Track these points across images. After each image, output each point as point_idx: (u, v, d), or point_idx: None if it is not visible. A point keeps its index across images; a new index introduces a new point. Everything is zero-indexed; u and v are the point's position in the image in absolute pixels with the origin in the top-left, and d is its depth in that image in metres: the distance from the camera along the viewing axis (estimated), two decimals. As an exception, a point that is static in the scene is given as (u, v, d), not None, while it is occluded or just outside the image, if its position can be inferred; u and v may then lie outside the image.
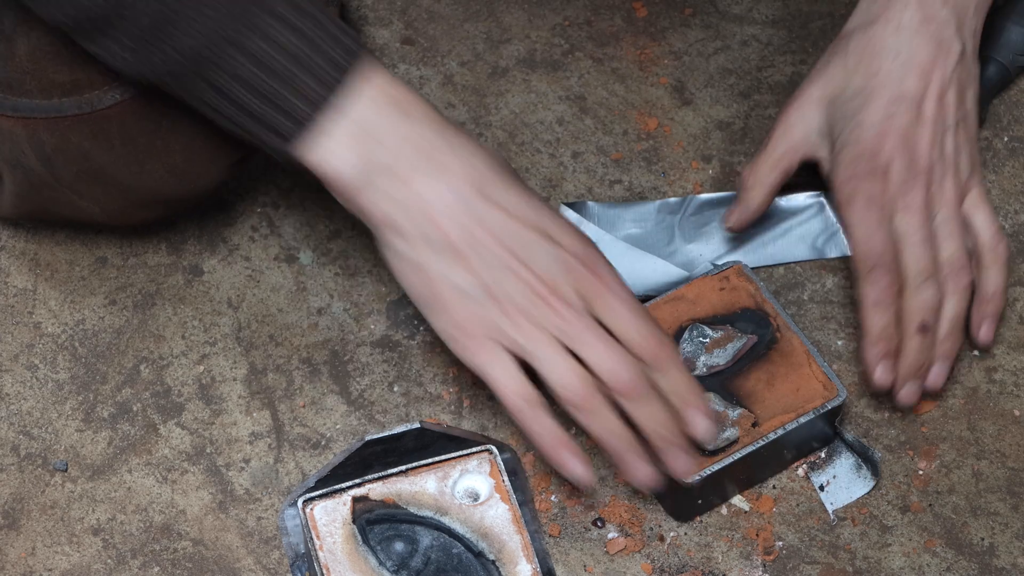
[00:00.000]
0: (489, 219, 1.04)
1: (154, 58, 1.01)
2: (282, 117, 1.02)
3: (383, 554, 1.07)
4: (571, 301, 1.04)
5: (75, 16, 1.01)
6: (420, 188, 1.04)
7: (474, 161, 1.05)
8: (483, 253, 1.04)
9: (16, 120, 1.10)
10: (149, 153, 1.11)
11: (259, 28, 1.01)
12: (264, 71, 1.01)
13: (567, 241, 1.05)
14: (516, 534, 1.08)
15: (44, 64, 1.08)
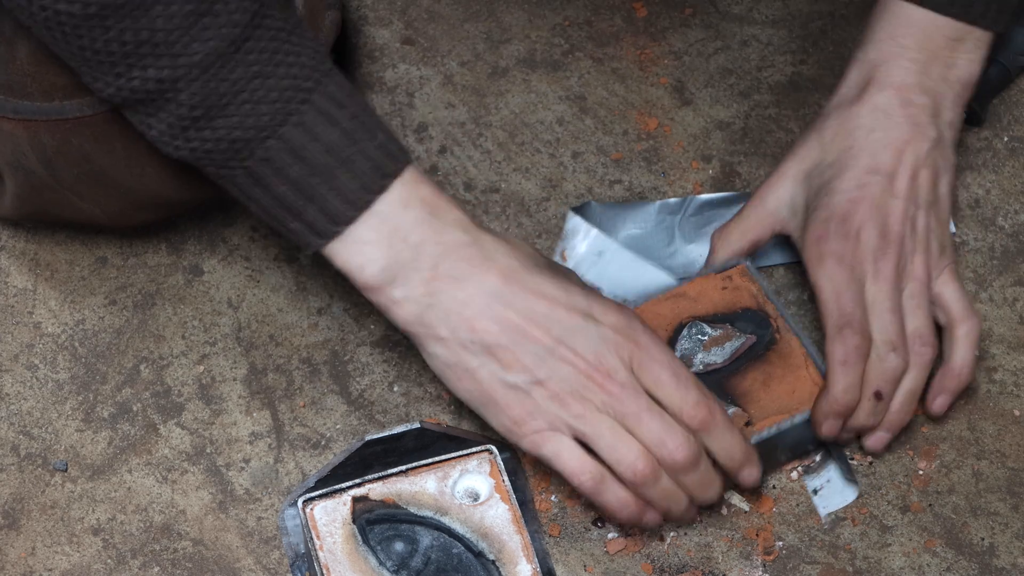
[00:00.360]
0: (526, 309, 1.04)
1: (193, 141, 1.02)
2: (319, 215, 1.03)
3: (383, 554, 1.07)
4: (620, 378, 1.05)
5: (119, 94, 1.01)
6: (452, 290, 1.04)
7: (504, 256, 1.05)
8: (525, 344, 1.04)
9: (17, 122, 1.10)
10: (150, 156, 1.11)
11: (303, 122, 1.01)
12: (302, 164, 1.02)
13: (608, 318, 1.05)
14: (516, 534, 1.08)
15: (45, 67, 1.08)
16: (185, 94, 1.00)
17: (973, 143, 1.31)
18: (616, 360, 1.04)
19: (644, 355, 1.05)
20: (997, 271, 1.25)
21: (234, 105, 1.00)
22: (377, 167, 1.03)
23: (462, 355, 1.05)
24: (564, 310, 1.05)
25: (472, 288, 1.04)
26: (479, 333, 1.04)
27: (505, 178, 1.30)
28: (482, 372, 1.05)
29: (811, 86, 1.35)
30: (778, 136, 1.32)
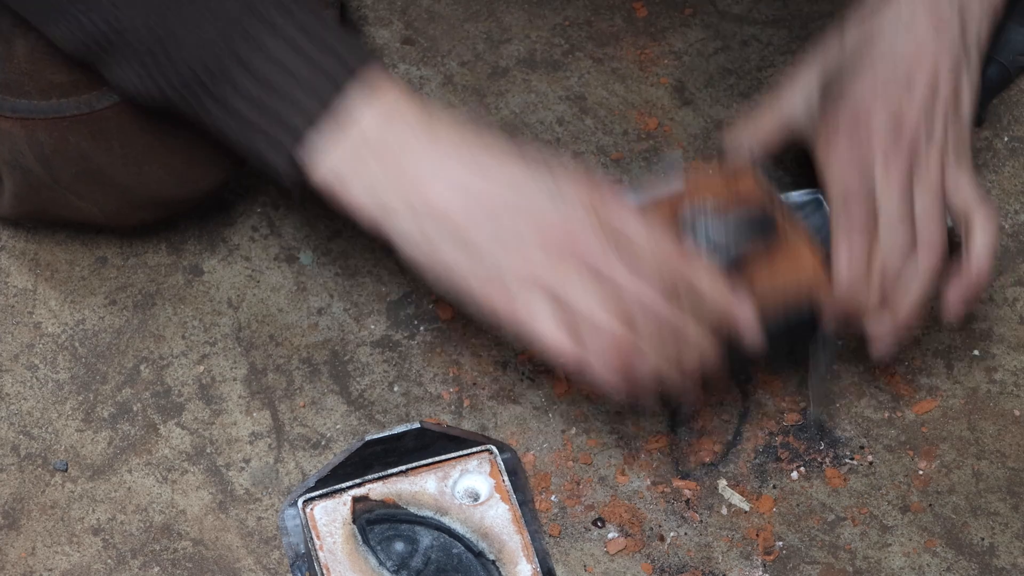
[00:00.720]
0: (485, 189, 1.01)
1: (161, 78, 1.01)
2: (282, 132, 1.01)
3: (383, 554, 1.07)
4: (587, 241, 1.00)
5: (82, 40, 1.01)
6: (411, 172, 1.01)
7: (453, 128, 1.02)
8: (487, 221, 1.00)
9: (15, 121, 1.11)
10: (148, 154, 1.11)
11: (255, 39, 1.00)
12: (262, 86, 1.00)
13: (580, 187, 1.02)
14: (516, 534, 1.08)
15: (43, 65, 1.08)
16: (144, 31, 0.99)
17: (973, 143, 1.31)
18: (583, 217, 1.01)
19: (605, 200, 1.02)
20: (997, 271, 1.26)
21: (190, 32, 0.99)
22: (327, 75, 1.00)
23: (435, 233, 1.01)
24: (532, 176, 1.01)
25: (431, 169, 1.01)
26: (440, 207, 1.01)
27: (505, 178, 1.30)
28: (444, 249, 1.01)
29: (811, 86, 1.35)
30: (778, 136, 1.32)
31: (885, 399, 1.20)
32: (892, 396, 1.20)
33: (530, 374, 1.20)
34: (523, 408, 1.19)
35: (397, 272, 1.25)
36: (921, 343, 1.22)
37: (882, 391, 1.20)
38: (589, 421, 1.18)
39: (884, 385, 1.20)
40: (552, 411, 1.19)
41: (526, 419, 1.19)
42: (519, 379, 1.20)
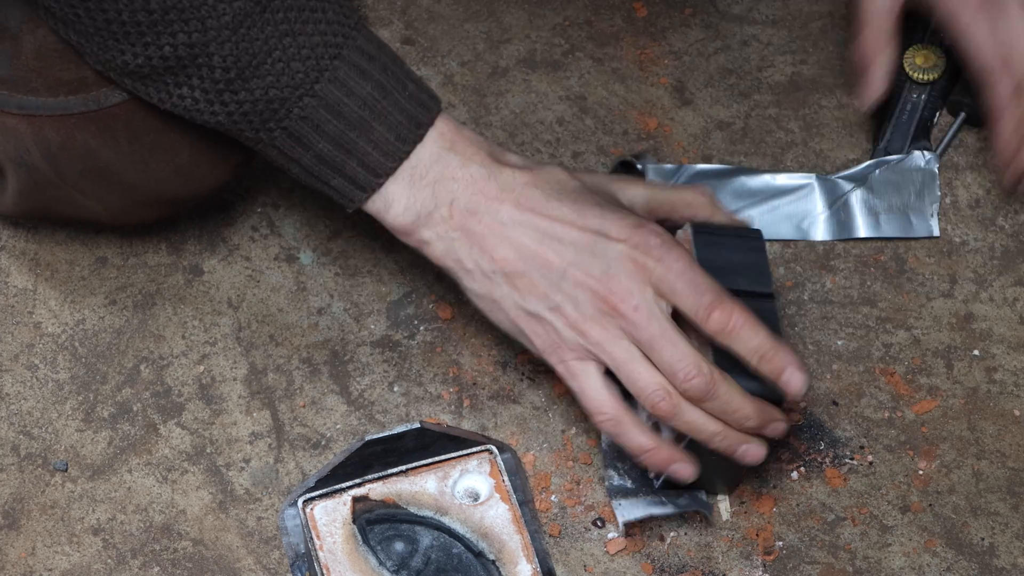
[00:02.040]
0: (539, 234, 1.05)
1: (229, 104, 1.03)
2: (359, 169, 1.04)
3: (383, 554, 1.07)
4: (634, 301, 1.04)
5: (149, 63, 1.02)
6: (470, 224, 1.05)
7: (520, 186, 1.05)
8: (540, 269, 1.05)
9: (21, 118, 1.10)
10: (155, 152, 1.11)
11: (336, 77, 1.02)
12: (340, 119, 1.03)
13: (621, 233, 1.05)
14: (516, 534, 1.08)
15: (50, 62, 1.08)
16: (217, 56, 1.00)
17: (973, 143, 1.31)
18: (629, 280, 1.04)
19: (659, 267, 1.04)
20: (997, 271, 1.25)
21: (268, 64, 1.01)
22: (411, 117, 1.04)
23: (488, 286, 1.06)
24: (576, 231, 1.04)
25: (488, 219, 1.05)
26: (498, 262, 1.05)
27: (505, 178, 1.30)
28: (507, 302, 1.06)
29: (811, 86, 1.35)
30: (778, 136, 1.32)
31: (885, 399, 1.19)
32: (892, 396, 1.20)
33: (530, 374, 1.20)
34: (523, 408, 1.19)
35: (397, 272, 1.25)
36: (921, 343, 1.22)
37: (882, 391, 1.20)
38: (589, 421, 1.18)
39: (884, 385, 1.20)
40: (552, 411, 1.19)
41: (526, 419, 1.19)
42: (519, 379, 1.20)
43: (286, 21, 1.01)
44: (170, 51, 1.01)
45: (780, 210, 1.26)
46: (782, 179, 1.27)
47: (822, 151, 1.31)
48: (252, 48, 1.01)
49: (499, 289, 1.06)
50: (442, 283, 1.24)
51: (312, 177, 1.06)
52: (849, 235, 1.26)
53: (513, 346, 1.21)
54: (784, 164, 1.31)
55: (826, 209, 1.26)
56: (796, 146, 1.31)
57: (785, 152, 1.31)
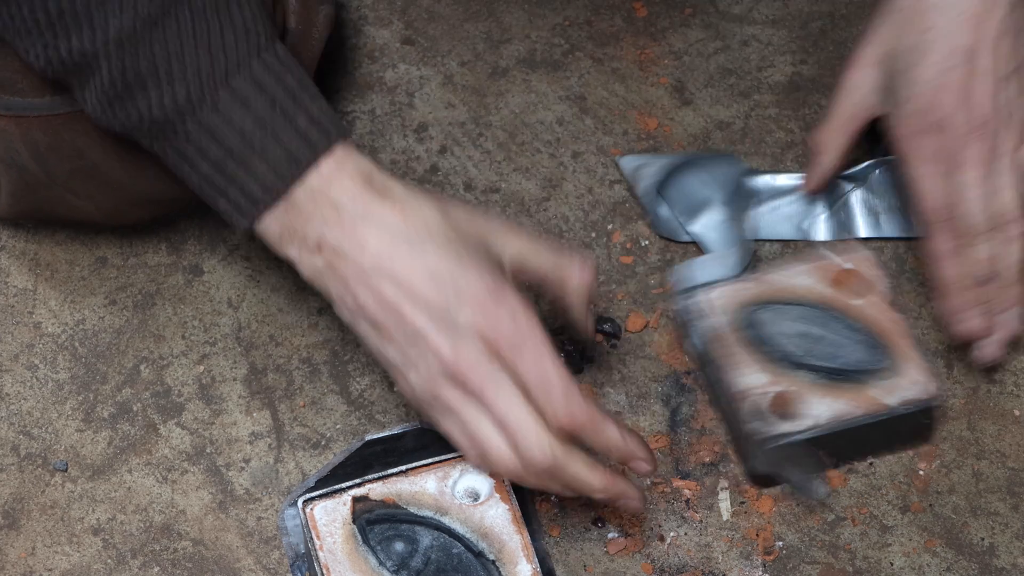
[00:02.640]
0: (397, 287, 1.03)
1: (119, 116, 1.03)
2: (240, 197, 1.04)
3: (383, 554, 1.07)
4: (481, 371, 1.02)
5: (50, 64, 1.02)
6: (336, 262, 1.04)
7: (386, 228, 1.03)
8: (397, 324, 1.03)
9: (9, 119, 1.11)
10: (143, 151, 1.11)
11: (218, 109, 1.02)
12: (221, 149, 1.02)
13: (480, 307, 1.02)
14: (516, 534, 1.08)
15: None
16: (105, 68, 1.01)
17: None
18: (477, 352, 1.02)
19: (511, 350, 1.02)
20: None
21: (152, 83, 1.01)
22: (291, 156, 1.02)
23: (352, 321, 1.05)
24: (433, 292, 1.02)
25: (352, 263, 1.03)
26: (360, 307, 1.04)
27: (505, 178, 1.30)
28: (369, 341, 1.05)
29: (811, 86, 1.35)
30: (778, 136, 1.32)
31: (885, 399, 1.19)
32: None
33: (530, 374, 1.20)
34: (523, 408, 1.19)
35: (397, 272, 1.25)
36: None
37: (882, 391, 1.20)
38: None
39: (884, 385, 1.20)
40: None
41: (526, 419, 1.18)
42: (519, 379, 1.20)
43: (177, 42, 1.01)
44: (66, 54, 1.01)
45: (780, 210, 1.27)
46: (782, 179, 1.27)
47: (822, 151, 1.31)
48: (138, 65, 1.01)
49: (362, 328, 1.05)
50: (442, 283, 1.24)
51: (202, 194, 1.06)
52: (849, 235, 1.26)
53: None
54: (784, 164, 1.31)
55: (826, 209, 1.26)
56: (796, 146, 1.31)
57: (785, 152, 1.31)
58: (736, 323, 1.16)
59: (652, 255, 1.26)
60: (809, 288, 1.17)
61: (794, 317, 1.16)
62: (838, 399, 1.12)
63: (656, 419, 1.19)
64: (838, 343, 1.14)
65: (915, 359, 1.14)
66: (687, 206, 1.25)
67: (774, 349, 1.15)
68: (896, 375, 1.13)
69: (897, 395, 1.12)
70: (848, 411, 1.12)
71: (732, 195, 1.25)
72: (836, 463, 1.15)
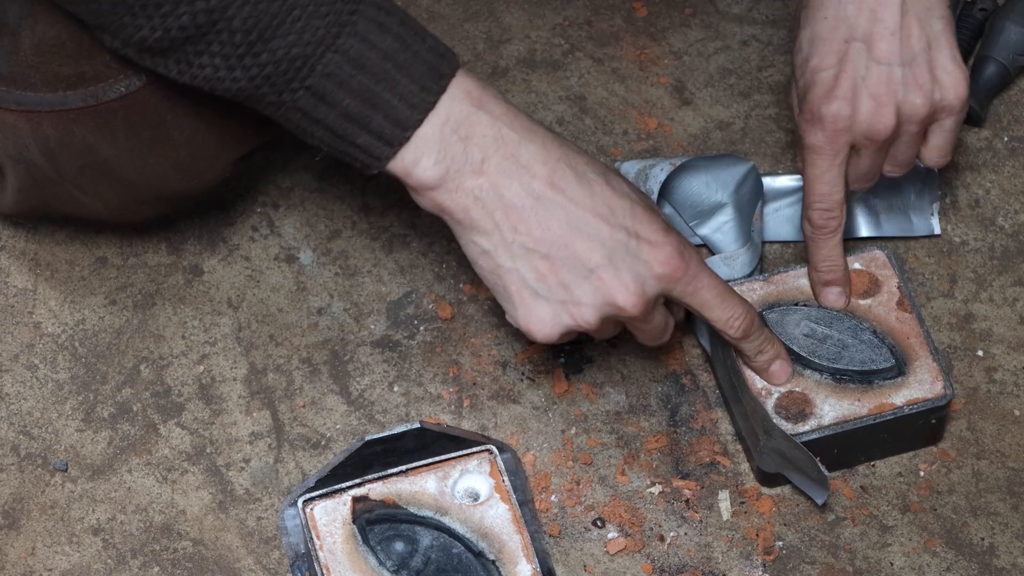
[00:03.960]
0: (569, 221, 1.04)
1: (251, 68, 1.01)
2: (386, 123, 1.03)
3: (383, 554, 1.07)
4: (649, 308, 1.06)
5: (168, 35, 1.00)
6: (499, 188, 1.04)
7: (551, 160, 1.05)
8: (568, 259, 1.04)
9: (20, 114, 1.10)
10: (153, 147, 1.11)
11: (357, 32, 1.01)
12: (364, 73, 1.02)
13: (653, 236, 1.05)
14: (516, 534, 1.08)
15: (49, 57, 1.08)
16: (237, 19, 0.99)
17: (973, 143, 1.31)
18: (654, 293, 1.06)
19: (692, 281, 1.06)
20: (997, 271, 1.25)
21: (287, 23, 1.00)
22: (433, 68, 1.03)
23: (502, 252, 1.05)
24: (608, 228, 1.04)
25: (519, 188, 1.04)
26: (522, 235, 1.04)
27: (505, 178, 1.30)
28: (514, 275, 1.05)
29: (811, 86, 1.35)
30: (778, 136, 1.32)
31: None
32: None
33: (530, 374, 1.20)
34: (523, 408, 1.19)
35: (397, 272, 1.25)
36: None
37: (882, 391, 1.20)
38: (589, 421, 1.18)
39: (884, 385, 1.20)
40: (552, 411, 1.19)
41: (526, 419, 1.19)
42: (519, 379, 1.20)
43: None
44: (188, 19, 0.99)
45: (781, 212, 1.26)
46: (782, 181, 1.27)
47: (822, 151, 1.31)
48: (271, 7, 0.99)
49: (513, 260, 1.05)
50: (442, 283, 1.24)
51: (337, 138, 1.04)
52: (849, 235, 1.26)
53: (513, 346, 1.21)
54: (784, 164, 1.31)
55: None
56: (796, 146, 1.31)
57: (785, 152, 1.31)
58: None
59: (652, 255, 1.26)
60: None
61: (801, 317, 1.16)
62: (843, 400, 1.12)
63: (656, 419, 1.19)
64: (844, 343, 1.14)
65: (924, 359, 1.14)
66: (694, 209, 1.25)
67: None
68: (904, 375, 1.13)
69: (904, 395, 1.12)
70: (854, 412, 1.12)
71: (739, 196, 1.25)
72: (841, 465, 1.15)
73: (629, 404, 1.19)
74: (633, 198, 1.06)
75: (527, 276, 1.05)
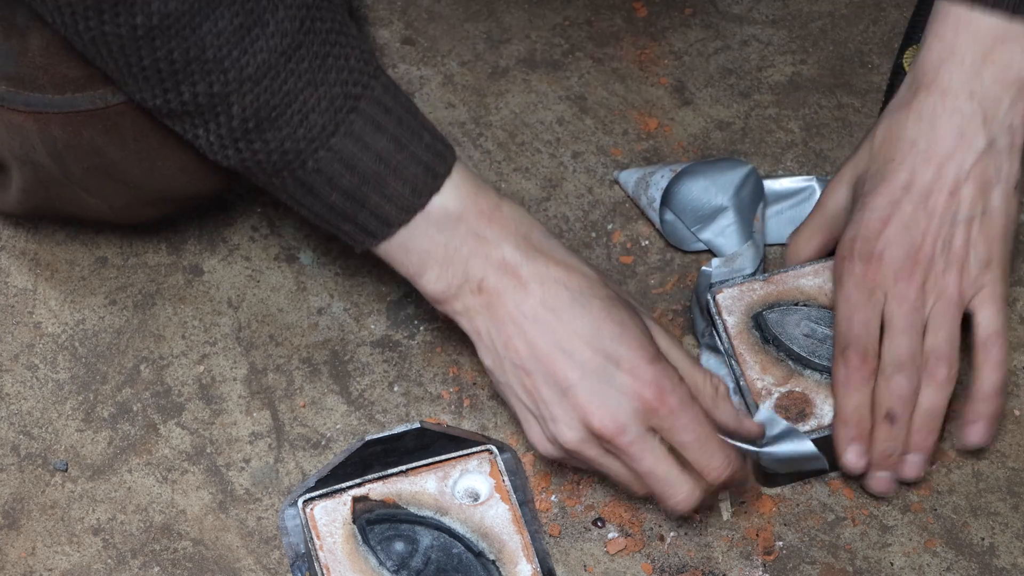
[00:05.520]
0: (555, 341, 1.05)
1: (243, 152, 1.03)
2: (371, 219, 1.04)
3: (383, 554, 1.07)
4: (630, 436, 1.05)
5: (168, 106, 1.02)
6: (496, 306, 1.06)
7: (548, 281, 1.06)
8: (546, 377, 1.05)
9: (28, 115, 1.10)
10: (161, 150, 1.11)
11: (352, 132, 1.02)
12: (355, 175, 1.03)
13: (635, 370, 1.05)
14: (516, 534, 1.08)
15: (57, 59, 1.08)
16: (236, 107, 1.00)
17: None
18: (630, 419, 1.05)
19: (669, 417, 1.05)
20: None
21: (285, 116, 1.01)
22: (427, 169, 1.04)
23: (498, 366, 1.08)
24: (590, 351, 1.05)
25: (511, 306, 1.05)
26: (510, 352, 1.06)
27: (505, 178, 1.30)
28: (508, 390, 1.08)
29: (811, 86, 1.35)
30: (778, 136, 1.32)
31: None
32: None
33: (530, 374, 1.20)
34: (523, 408, 1.19)
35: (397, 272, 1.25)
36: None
37: (882, 391, 1.20)
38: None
39: (884, 385, 1.20)
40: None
41: (526, 419, 1.19)
42: (519, 379, 1.20)
43: (310, 71, 1.00)
44: (190, 98, 1.00)
45: (783, 215, 1.26)
46: (783, 183, 1.27)
47: (822, 151, 1.31)
48: (273, 100, 1.00)
49: (506, 375, 1.07)
50: (442, 283, 1.24)
51: (322, 221, 1.06)
52: None
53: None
54: (784, 164, 1.31)
55: None
56: (796, 146, 1.31)
57: (785, 152, 1.31)
58: (744, 323, 1.16)
59: (652, 255, 1.26)
60: (818, 288, 1.17)
61: (801, 317, 1.16)
62: None
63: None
64: None
65: None
66: (695, 214, 1.25)
67: (781, 349, 1.15)
68: None
69: None
70: None
71: (739, 199, 1.25)
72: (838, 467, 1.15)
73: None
74: (627, 324, 1.06)
75: (519, 393, 1.07)
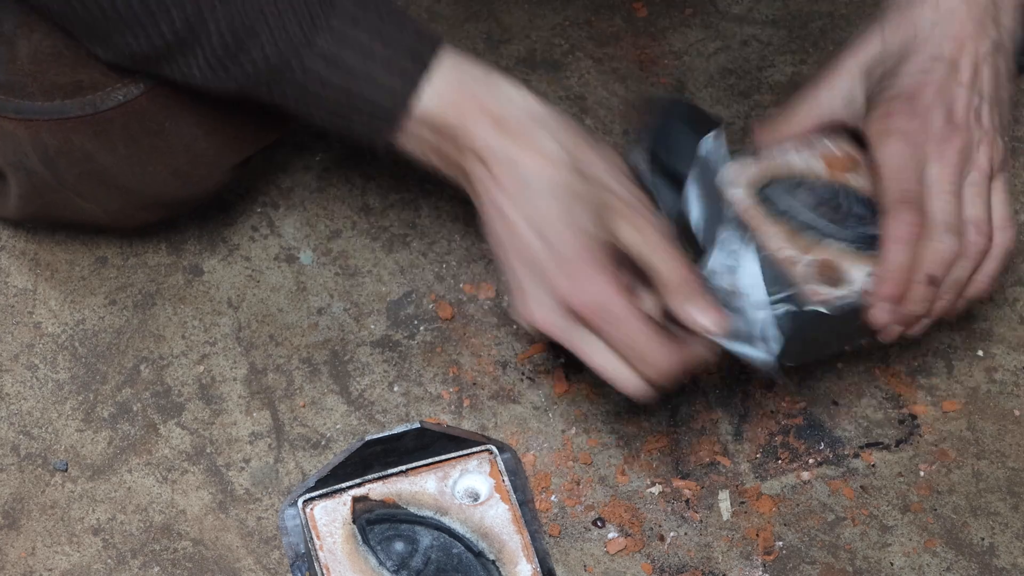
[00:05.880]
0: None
1: (235, 73, 1.03)
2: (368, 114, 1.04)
3: (383, 554, 1.07)
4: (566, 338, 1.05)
5: (153, 46, 1.02)
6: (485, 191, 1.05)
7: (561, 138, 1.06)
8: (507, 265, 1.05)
9: (18, 122, 1.10)
10: (152, 155, 1.11)
11: (339, 32, 1.02)
12: (349, 75, 1.03)
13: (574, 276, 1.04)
14: (516, 534, 1.08)
15: (46, 66, 1.08)
16: (213, 29, 1.01)
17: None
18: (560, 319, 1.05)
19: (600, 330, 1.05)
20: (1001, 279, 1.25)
21: (261, 27, 1.01)
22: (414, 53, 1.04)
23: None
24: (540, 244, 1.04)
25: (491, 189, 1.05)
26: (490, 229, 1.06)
27: (505, 178, 1.30)
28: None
29: (811, 86, 1.35)
30: (778, 136, 1.32)
31: (885, 399, 1.19)
32: (892, 396, 1.20)
33: (530, 374, 1.20)
34: (523, 408, 1.19)
35: (397, 272, 1.25)
36: (921, 343, 1.22)
37: (882, 391, 1.20)
38: (589, 421, 1.19)
39: (884, 385, 1.21)
40: (552, 411, 1.19)
41: (526, 419, 1.19)
42: (519, 379, 1.20)
43: None
44: (168, 31, 1.01)
45: None
46: None
47: (822, 151, 1.31)
48: (244, 15, 1.01)
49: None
50: (442, 283, 1.24)
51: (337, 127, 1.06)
52: None
53: (513, 346, 1.21)
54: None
55: None
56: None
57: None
58: (752, 198, 1.14)
59: (652, 255, 1.26)
60: (808, 166, 1.16)
61: (806, 190, 1.14)
62: (868, 264, 1.10)
63: (656, 419, 1.19)
64: (860, 214, 1.13)
65: None
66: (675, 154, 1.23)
67: (796, 220, 1.13)
68: None
69: None
70: None
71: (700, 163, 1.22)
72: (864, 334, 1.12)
73: (629, 404, 1.19)
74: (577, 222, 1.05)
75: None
